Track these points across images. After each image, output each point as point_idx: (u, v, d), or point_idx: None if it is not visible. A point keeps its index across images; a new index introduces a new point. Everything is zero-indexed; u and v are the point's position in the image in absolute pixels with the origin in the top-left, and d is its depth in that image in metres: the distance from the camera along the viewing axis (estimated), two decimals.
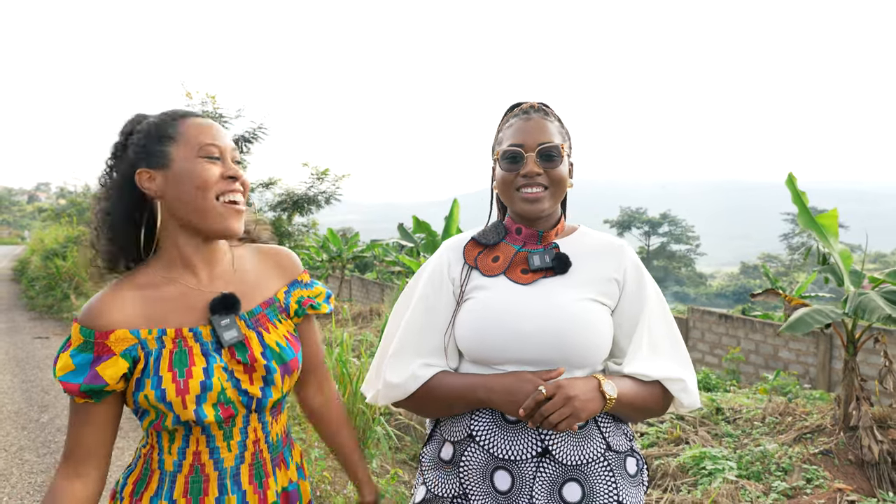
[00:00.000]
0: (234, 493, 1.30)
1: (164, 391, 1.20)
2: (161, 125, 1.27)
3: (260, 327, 1.34)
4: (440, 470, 1.46)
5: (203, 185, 1.24)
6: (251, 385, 1.28)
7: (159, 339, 1.24)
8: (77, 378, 1.18)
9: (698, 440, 5.11)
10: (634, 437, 1.54)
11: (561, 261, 1.45)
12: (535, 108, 1.51)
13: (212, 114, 12.57)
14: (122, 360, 1.20)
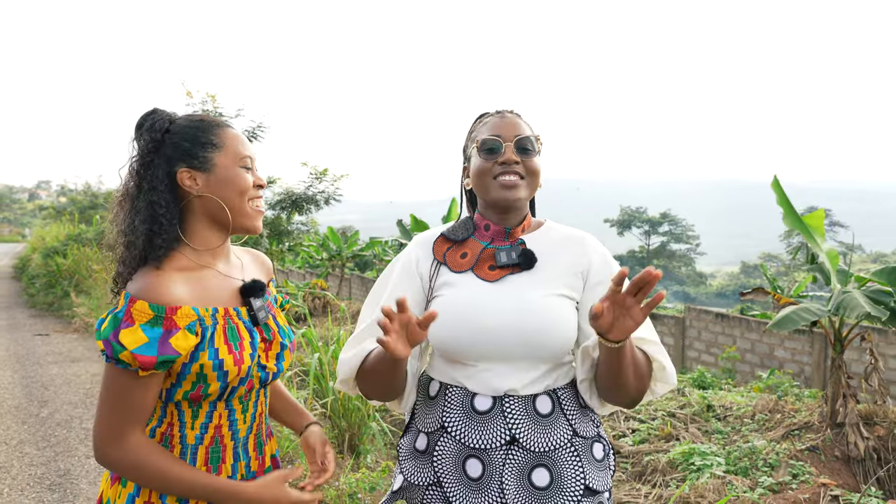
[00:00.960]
0: (244, 460, 1.44)
1: (223, 361, 1.33)
2: (203, 131, 1.41)
3: (271, 311, 1.51)
4: (415, 460, 1.53)
5: (243, 191, 1.41)
6: (267, 361, 1.44)
7: (213, 316, 1.36)
8: (151, 350, 1.26)
9: (689, 437, 5.18)
10: (601, 424, 1.58)
11: (527, 257, 1.50)
12: (508, 111, 1.57)
13: (212, 112, 12.65)
14: (188, 333, 1.31)
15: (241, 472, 1.44)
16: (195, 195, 1.39)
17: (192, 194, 1.39)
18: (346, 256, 17.69)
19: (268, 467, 1.51)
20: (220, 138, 1.41)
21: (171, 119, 1.43)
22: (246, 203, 1.42)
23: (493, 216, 1.57)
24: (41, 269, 14.89)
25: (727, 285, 55.56)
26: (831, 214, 51.25)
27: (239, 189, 1.40)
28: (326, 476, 1.53)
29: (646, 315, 1.25)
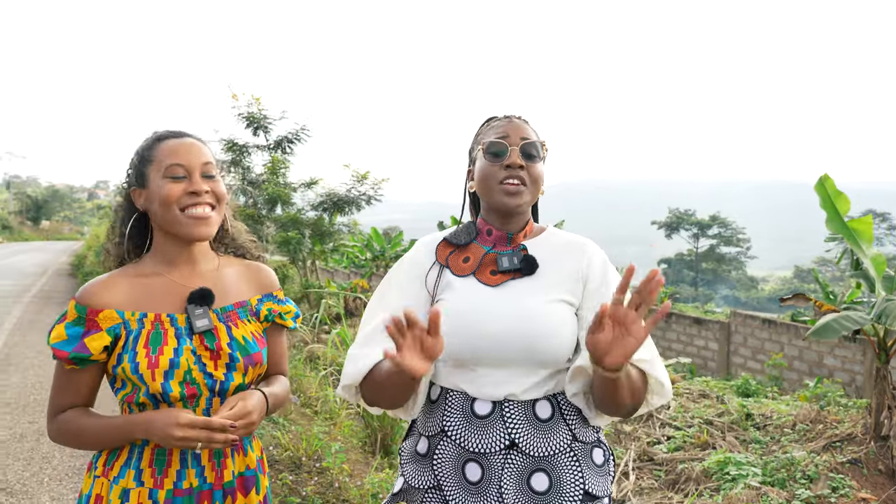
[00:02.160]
0: (193, 468, 1.45)
1: (138, 364, 1.39)
2: (146, 148, 1.49)
3: (230, 322, 1.52)
4: (416, 463, 1.54)
5: (165, 202, 1.44)
6: (216, 370, 1.45)
7: (140, 321, 1.43)
8: (67, 347, 1.38)
9: (725, 445, 5.07)
10: (602, 430, 1.57)
11: (529, 262, 1.50)
12: (515, 116, 1.58)
13: (257, 115, 12.91)
14: (107, 335, 1.40)
15: (192, 481, 1.44)
16: (145, 211, 1.48)
17: (143, 210, 1.48)
18: (388, 257, 17.81)
19: (228, 482, 1.48)
20: (154, 152, 1.46)
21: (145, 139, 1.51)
22: (175, 212, 1.44)
23: (495, 221, 1.57)
24: (95, 266, 15.42)
25: (780, 290, 53.95)
26: (890, 218, 49.22)
27: (161, 200, 1.43)
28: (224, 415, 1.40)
29: (647, 333, 1.24)
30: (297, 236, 11.94)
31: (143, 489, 1.42)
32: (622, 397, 1.37)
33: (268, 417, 4.74)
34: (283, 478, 3.68)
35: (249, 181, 13.52)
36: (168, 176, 1.44)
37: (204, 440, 1.35)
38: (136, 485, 1.42)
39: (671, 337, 14.35)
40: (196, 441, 1.35)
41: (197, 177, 1.46)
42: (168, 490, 1.43)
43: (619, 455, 5.03)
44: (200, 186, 1.44)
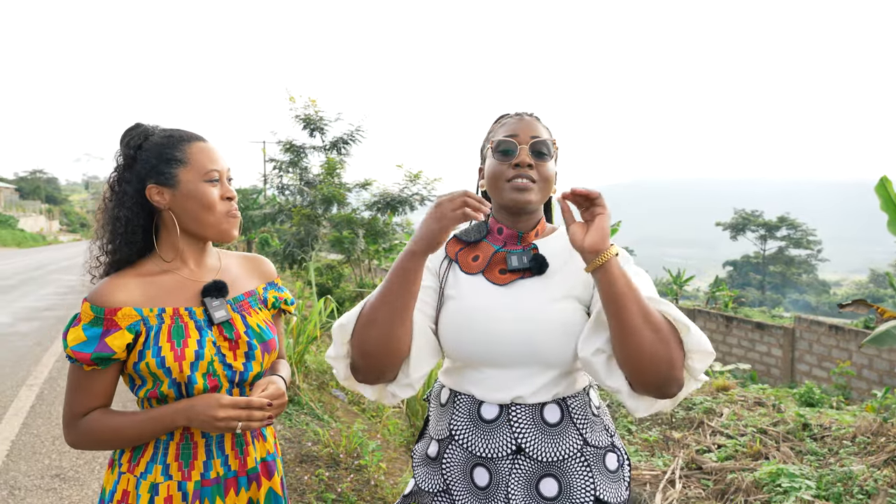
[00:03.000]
0: (218, 457, 1.50)
1: (164, 358, 1.41)
2: (169, 147, 1.49)
3: (243, 311, 1.56)
4: (427, 466, 1.53)
5: (209, 206, 1.49)
6: (234, 360, 1.49)
7: (159, 316, 1.45)
8: (88, 348, 1.39)
9: (779, 456, 4.87)
10: (616, 433, 1.52)
11: (538, 262, 1.47)
12: (527, 113, 1.55)
13: (313, 117, 13.18)
14: (127, 332, 1.41)
15: (218, 471, 1.49)
16: (163, 209, 1.49)
17: (161, 208, 1.49)
18: None
19: (251, 468, 1.54)
20: (186, 154, 1.48)
21: (147, 134, 1.51)
22: (216, 215, 1.49)
23: (506, 219, 1.54)
24: None
25: (853, 294, 51.57)
26: None
27: (205, 204, 1.48)
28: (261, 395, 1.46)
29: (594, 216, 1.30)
30: (350, 236, 12.13)
31: (171, 482, 1.46)
32: (635, 320, 1.25)
33: (311, 413, 4.82)
34: (319, 473, 3.73)
35: (306, 181, 13.82)
36: (208, 181, 1.48)
37: (245, 419, 1.40)
38: (164, 479, 1.46)
39: (731, 342, 13.91)
40: (237, 421, 1.39)
41: (226, 181, 1.53)
42: (196, 481, 1.47)
43: (667, 462, 4.90)
44: (232, 192, 1.52)
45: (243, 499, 1.53)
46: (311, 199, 13.23)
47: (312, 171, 13.91)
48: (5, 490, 3.68)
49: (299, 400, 5.12)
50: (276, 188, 14.85)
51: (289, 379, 1.67)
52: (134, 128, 1.52)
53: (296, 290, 10.06)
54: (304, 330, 5.49)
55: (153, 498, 1.45)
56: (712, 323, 14.69)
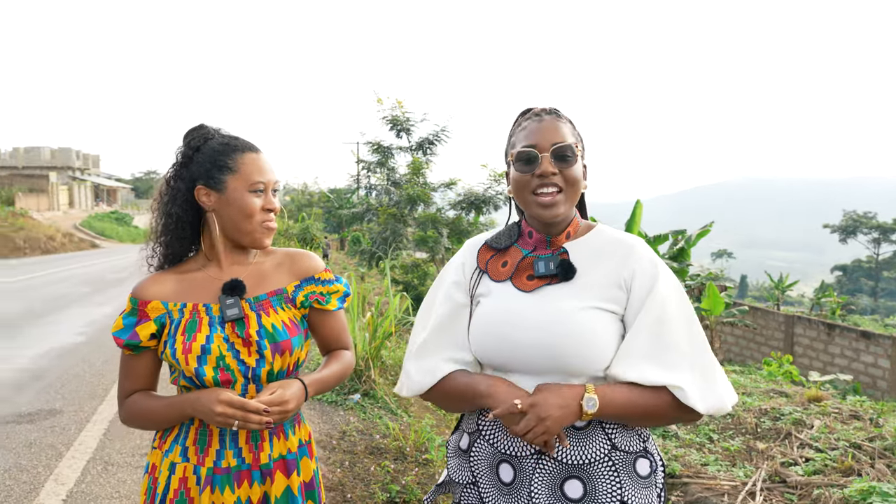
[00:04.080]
0: (231, 449, 1.56)
1: (175, 350, 1.52)
2: (223, 154, 1.58)
3: (261, 310, 1.60)
4: (458, 458, 1.55)
5: (249, 214, 1.57)
6: (248, 357, 1.55)
7: (181, 311, 1.56)
8: (123, 335, 1.55)
9: (873, 473, 4.56)
10: (651, 438, 1.49)
11: (565, 267, 1.44)
12: (546, 111, 1.51)
13: (399, 118, 13.43)
14: (153, 324, 1.55)
15: (229, 462, 1.55)
16: (208, 210, 1.59)
17: (206, 209, 1.59)
18: None
19: (265, 463, 1.57)
20: (237, 163, 1.57)
21: (207, 137, 1.60)
22: (253, 224, 1.57)
23: (536, 224, 1.52)
24: None
25: None
26: None
27: (245, 212, 1.56)
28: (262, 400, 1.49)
29: (542, 441, 1.34)
30: (434, 235, 12.28)
31: (187, 464, 1.55)
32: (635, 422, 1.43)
33: (385, 406, 4.95)
34: (385, 465, 3.83)
35: (393, 181, 14.11)
36: (253, 191, 1.56)
37: (240, 419, 1.45)
38: (181, 460, 1.55)
39: (833, 351, 13.09)
40: (233, 419, 1.45)
41: (270, 194, 1.60)
42: (209, 468, 1.54)
43: (748, 474, 4.69)
44: (274, 204, 1.60)
45: (257, 492, 1.57)
46: (397, 199, 13.50)
47: (399, 172, 14.18)
48: (101, 465, 3.98)
49: (374, 394, 5.25)
50: (365, 188, 15.25)
51: (331, 378, 1.69)
52: (197, 129, 1.62)
53: (382, 288, 10.28)
54: (381, 325, 5.62)
55: (170, 476, 1.55)
56: (812, 330, 13.87)
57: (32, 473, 3.84)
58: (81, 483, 3.69)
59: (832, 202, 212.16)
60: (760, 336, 15.30)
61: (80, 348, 7.43)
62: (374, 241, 13.49)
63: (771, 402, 6.18)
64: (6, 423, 4.78)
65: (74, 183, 49.67)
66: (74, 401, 5.35)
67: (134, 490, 3.61)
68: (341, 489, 3.54)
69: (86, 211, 49.01)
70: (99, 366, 6.57)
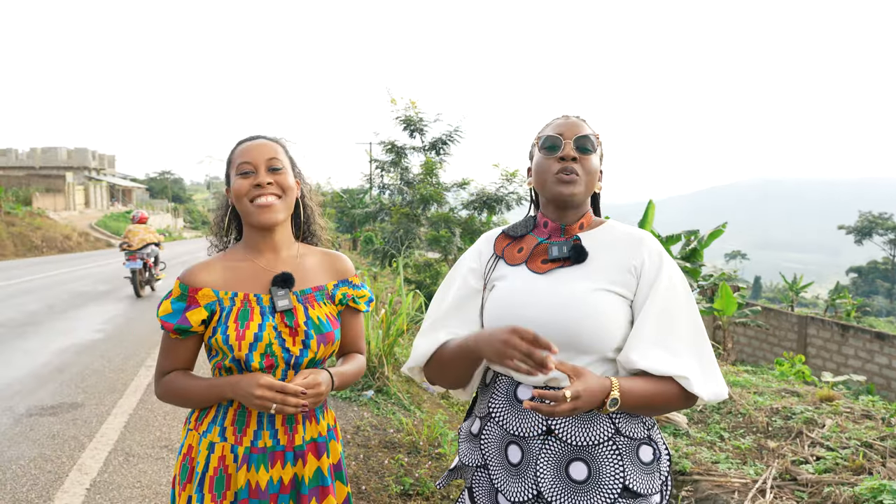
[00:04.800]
0: (268, 430, 1.65)
1: (228, 336, 1.60)
2: (230, 154, 1.72)
3: (307, 303, 1.71)
4: (469, 442, 1.63)
5: (237, 195, 1.67)
6: (293, 345, 1.64)
7: (232, 299, 1.64)
8: (173, 319, 1.62)
9: (884, 472, 4.58)
10: (655, 426, 1.57)
11: (577, 251, 1.53)
12: (574, 115, 1.63)
13: (413, 118, 13.50)
14: (204, 310, 1.62)
15: (265, 442, 1.64)
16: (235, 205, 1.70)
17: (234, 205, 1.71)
18: None
19: (299, 445, 1.67)
20: (233, 155, 1.69)
21: None
22: (246, 203, 1.65)
23: (551, 213, 1.61)
24: None
25: None
26: None
27: (237, 195, 1.66)
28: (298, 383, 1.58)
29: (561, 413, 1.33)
30: (447, 235, 12.33)
31: (225, 444, 1.63)
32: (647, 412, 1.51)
33: (398, 402, 5.03)
34: (399, 458, 3.90)
35: (406, 181, 14.18)
36: (239, 173, 1.65)
37: (279, 402, 1.54)
38: (220, 439, 1.64)
39: (847, 352, 13.02)
40: (271, 402, 1.54)
41: (262, 171, 1.65)
42: (246, 447, 1.63)
43: (759, 472, 4.72)
44: (263, 179, 1.64)
45: (289, 473, 1.66)
46: (410, 199, 13.56)
47: (412, 171, 14.25)
48: (122, 456, 4.09)
49: (388, 390, 5.33)
50: (378, 187, 15.33)
51: (350, 375, 1.78)
52: None
53: (394, 287, 10.38)
54: (394, 323, 5.69)
55: (209, 455, 1.63)
56: (826, 332, 13.80)
57: (56, 463, 3.95)
58: (104, 473, 3.80)
59: (847, 203, 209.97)
60: (773, 337, 15.24)
61: (99, 345, 7.57)
62: (387, 241, 13.56)
63: (782, 401, 6.19)
64: (30, 415, 4.91)
65: (90, 183, 50.19)
66: (95, 395, 5.48)
67: (154, 480, 3.71)
68: (356, 481, 3.62)
69: (101, 211, 49.52)
70: (118, 362, 6.69)
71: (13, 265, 19.99)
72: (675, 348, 1.46)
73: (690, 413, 5.94)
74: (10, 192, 34.91)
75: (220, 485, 1.62)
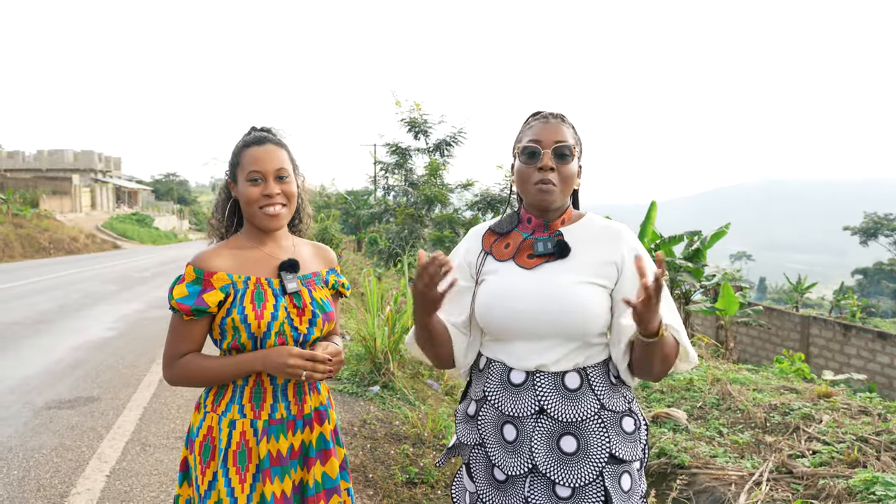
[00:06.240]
0: (282, 402, 1.81)
1: (246, 316, 1.74)
2: (236, 153, 1.84)
3: (310, 286, 1.88)
4: (466, 423, 1.77)
5: (248, 202, 1.81)
6: (300, 325, 1.80)
7: (245, 283, 1.78)
8: (189, 301, 1.73)
9: (878, 465, 4.69)
10: (635, 400, 1.72)
11: (561, 247, 1.66)
12: (553, 115, 1.73)
13: (418, 120, 13.65)
14: (220, 292, 1.75)
15: (281, 413, 1.80)
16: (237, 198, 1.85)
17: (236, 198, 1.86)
18: None
19: (307, 414, 1.84)
20: (240, 158, 1.82)
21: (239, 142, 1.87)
22: (254, 209, 1.80)
23: (534, 212, 1.74)
24: None
25: None
26: None
27: (245, 200, 1.80)
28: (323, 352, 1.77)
29: (658, 294, 1.39)
30: (450, 235, 12.48)
31: (245, 420, 1.77)
32: (655, 364, 1.59)
33: (404, 398, 5.15)
34: (404, 449, 4.05)
35: (411, 182, 14.33)
36: (249, 180, 1.79)
37: (309, 369, 1.71)
38: (240, 416, 1.77)
39: (849, 352, 13.10)
40: (302, 370, 1.71)
41: (271, 181, 1.79)
42: (264, 420, 1.78)
43: (756, 465, 4.83)
44: (273, 190, 1.79)
45: (298, 439, 1.82)
46: (415, 200, 13.71)
47: (416, 173, 14.40)
48: (139, 446, 4.25)
49: (393, 386, 5.46)
50: (383, 189, 15.49)
51: None
52: (248, 131, 1.89)
53: (401, 288, 10.51)
54: (399, 321, 5.83)
55: (231, 432, 1.77)
56: (828, 331, 13.88)
57: (77, 452, 4.11)
58: (122, 461, 3.96)
59: (851, 203, 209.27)
60: (776, 337, 15.32)
61: (112, 342, 7.74)
62: (392, 241, 13.72)
63: (781, 397, 6.29)
64: (49, 408, 5.07)
65: (96, 185, 50.53)
66: (110, 389, 5.64)
67: (170, 468, 3.86)
68: (363, 470, 3.76)
69: (107, 212, 49.87)
70: (131, 358, 6.86)
71: (22, 266, 20.24)
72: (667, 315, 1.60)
73: (690, 409, 6.06)
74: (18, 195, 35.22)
75: (242, 458, 1.76)
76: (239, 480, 1.75)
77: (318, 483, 1.83)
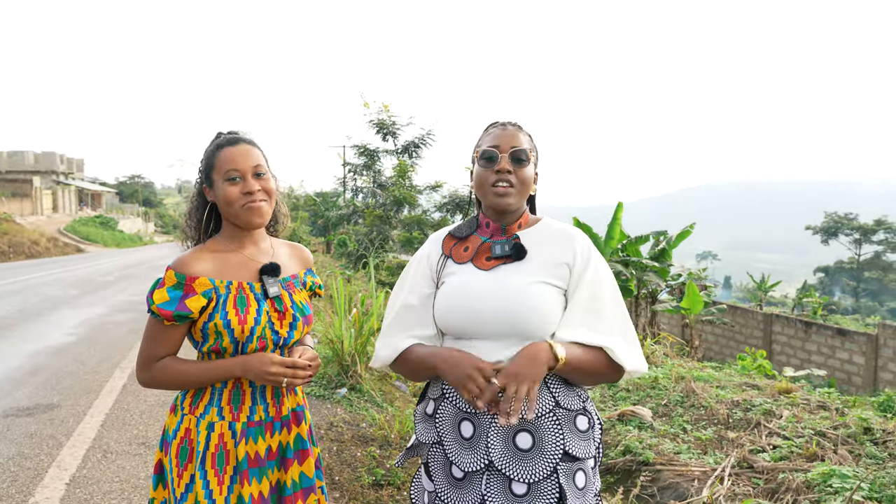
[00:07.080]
0: (260, 404, 1.82)
1: (230, 321, 1.74)
2: (210, 155, 1.84)
3: (290, 289, 1.89)
4: (425, 422, 1.79)
5: (228, 202, 1.80)
6: (281, 328, 1.82)
7: (227, 287, 1.78)
8: (171, 306, 1.72)
9: (835, 459, 4.81)
10: (589, 399, 1.77)
11: (518, 249, 1.72)
12: (510, 123, 1.79)
13: (386, 122, 13.64)
14: (202, 297, 1.74)
15: (260, 415, 1.81)
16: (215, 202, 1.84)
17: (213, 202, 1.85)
18: None
19: (285, 415, 1.86)
20: (215, 159, 1.82)
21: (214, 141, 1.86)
22: (236, 208, 1.79)
23: (492, 216, 1.79)
24: None
25: None
26: None
27: (226, 200, 1.79)
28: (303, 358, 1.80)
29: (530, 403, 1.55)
30: (419, 236, 12.49)
31: (224, 422, 1.78)
32: (576, 379, 1.70)
33: (371, 400, 5.14)
34: (371, 451, 4.05)
35: (379, 184, 14.31)
36: (227, 179, 1.78)
37: (290, 376, 1.72)
38: (218, 419, 1.78)
39: (810, 348, 13.43)
40: (283, 377, 1.72)
41: (249, 178, 1.79)
42: (243, 422, 1.79)
43: (718, 461, 4.93)
44: (252, 187, 1.79)
45: (276, 440, 1.84)
46: (384, 201, 13.70)
47: (385, 174, 14.39)
48: (100, 453, 4.18)
49: (360, 388, 5.45)
50: (352, 190, 15.45)
51: None
52: (216, 136, 1.89)
53: (369, 290, 10.48)
54: (366, 323, 5.82)
55: (210, 434, 1.76)
56: (790, 329, 14.21)
57: (35, 461, 4.02)
58: (83, 469, 3.88)
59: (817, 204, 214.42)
60: (740, 335, 15.63)
61: (73, 347, 7.58)
62: (360, 243, 13.68)
63: (743, 394, 6.42)
64: (6, 416, 4.95)
65: (58, 187, 49.45)
66: (70, 396, 5.52)
67: (133, 475, 3.80)
68: (330, 473, 3.75)
69: (70, 215, 48.80)
70: (93, 364, 6.73)
71: None
72: (600, 328, 1.67)
73: (655, 407, 6.14)
74: None
75: (220, 460, 1.76)
76: (217, 482, 1.75)
77: (295, 483, 1.85)
